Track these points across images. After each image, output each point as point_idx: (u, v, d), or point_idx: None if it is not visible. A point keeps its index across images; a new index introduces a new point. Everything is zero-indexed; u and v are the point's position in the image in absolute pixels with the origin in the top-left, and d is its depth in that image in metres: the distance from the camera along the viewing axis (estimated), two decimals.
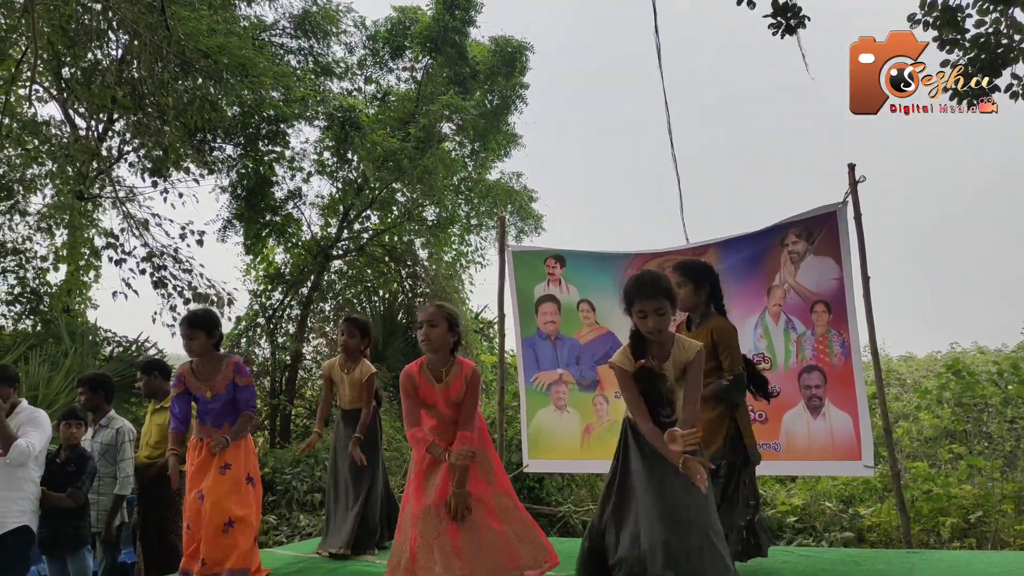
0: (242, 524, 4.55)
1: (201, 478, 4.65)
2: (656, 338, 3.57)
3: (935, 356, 15.27)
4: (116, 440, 5.99)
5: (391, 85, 16.35)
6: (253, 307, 15.19)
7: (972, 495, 7.44)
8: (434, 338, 4.07)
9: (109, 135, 13.17)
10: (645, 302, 3.53)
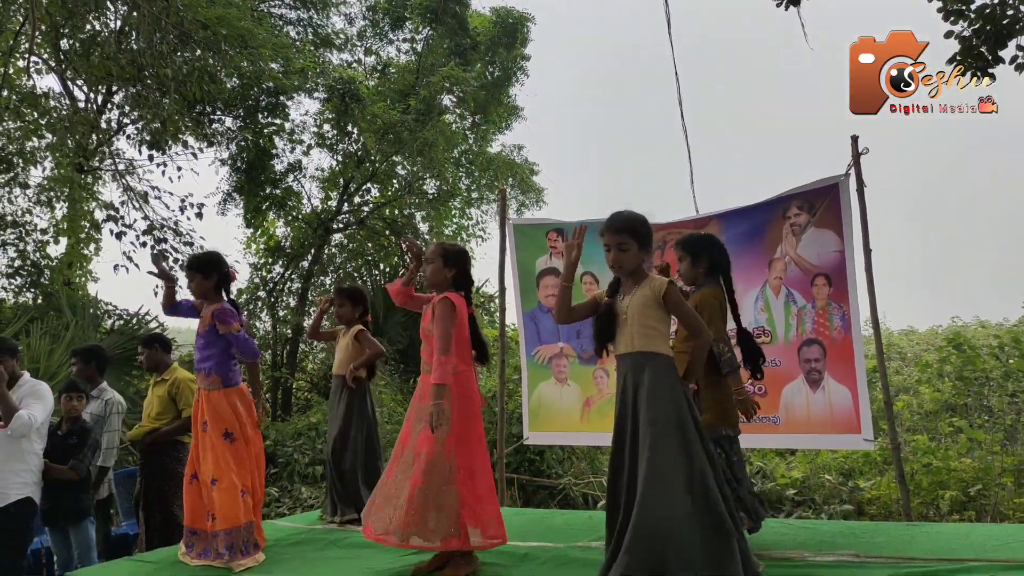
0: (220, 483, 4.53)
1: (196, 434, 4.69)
2: (620, 273, 3.67)
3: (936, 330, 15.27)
4: (105, 411, 6.03)
5: (391, 57, 16.26)
6: (254, 280, 15.20)
7: (972, 468, 7.46)
8: (428, 273, 4.30)
9: (108, 107, 13.12)
10: (609, 235, 3.63)
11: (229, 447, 4.59)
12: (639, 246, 3.61)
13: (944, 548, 4.22)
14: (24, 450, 5.13)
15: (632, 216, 3.68)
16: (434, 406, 3.93)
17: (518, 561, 4.37)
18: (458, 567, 4.08)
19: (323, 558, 4.71)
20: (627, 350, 3.58)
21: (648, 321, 3.56)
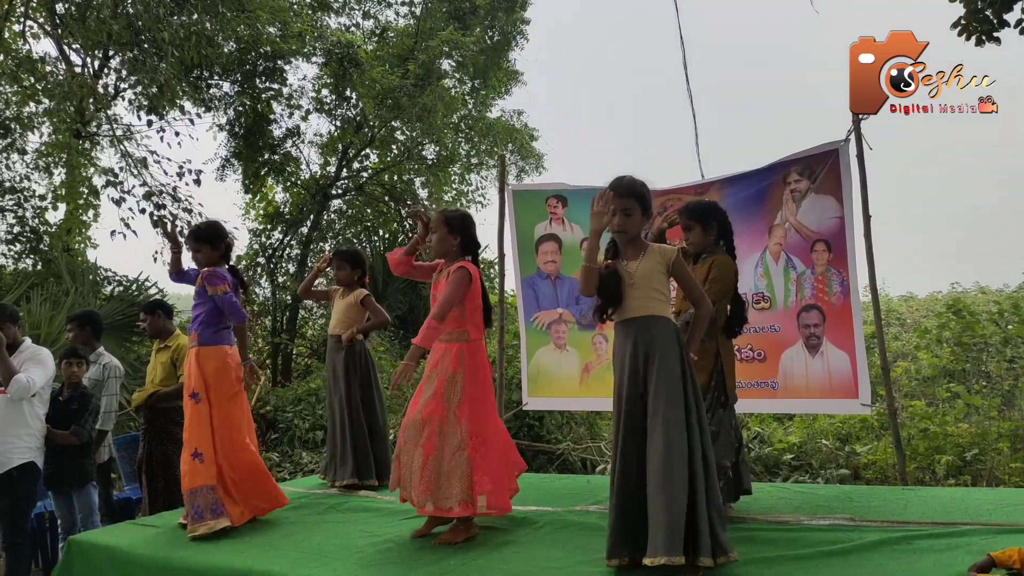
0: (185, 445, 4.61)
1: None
2: (622, 239, 3.67)
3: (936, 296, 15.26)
4: (103, 375, 6.07)
5: (390, 20, 16.12)
6: (253, 246, 15.18)
7: (968, 433, 7.50)
8: (434, 243, 4.34)
9: (105, 72, 13.01)
10: (616, 199, 3.61)
11: (192, 408, 4.61)
12: (642, 212, 3.64)
13: (939, 512, 4.25)
14: (26, 415, 5.18)
15: (637, 181, 3.69)
16: (404, 364, 3.96)
17: (516, 525, 4.41)
18: (456, 532, 4.12)
19: (323, 522, 4.76)
20: (637, 314, 3.58)
21: (655, 286, 3.58)
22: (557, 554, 3.86)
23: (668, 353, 3.50)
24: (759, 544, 3.75)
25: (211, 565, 4.05)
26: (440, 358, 4.18)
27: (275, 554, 4.13)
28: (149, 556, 4.27)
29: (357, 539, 4.29)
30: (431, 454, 4.06)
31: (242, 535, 4.51)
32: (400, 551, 4.06)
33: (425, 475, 4.05)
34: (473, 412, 4.15)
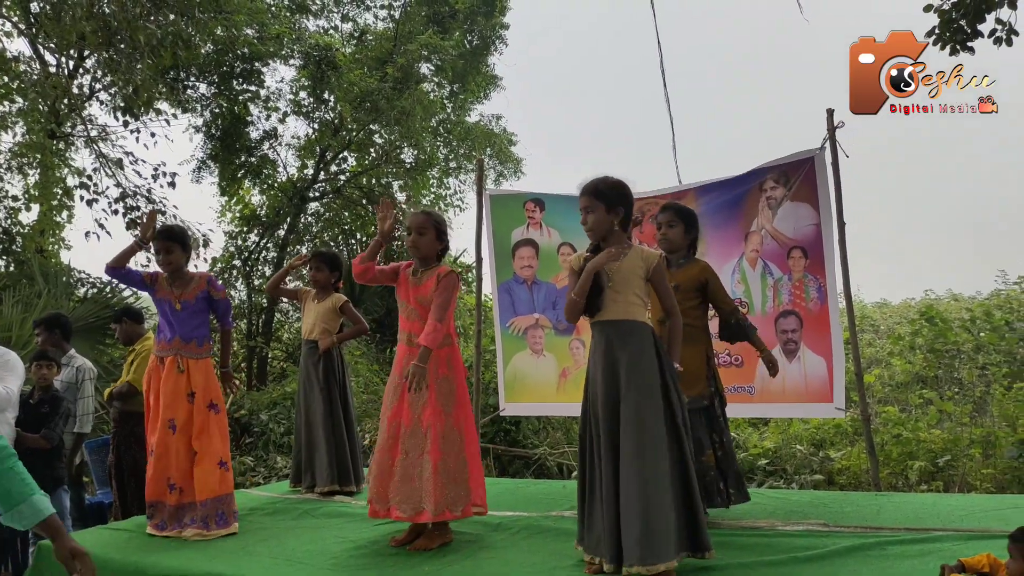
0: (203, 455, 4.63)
1: (173, 406, 4.66)
2: (591, 237, 3.66)
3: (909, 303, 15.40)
4: (76, 378, 6.02)
5: (368, 23, 16.08)
6: (229, 249, 15.09)
7: (941, 439, 7.56)
8: (422, 246, 4.24)
9: (80, 72, 12.88)
10: (581, 198, 3.65)
11: (214, 418, 4.68)
12: (606, 208, 3.59)
13: (911, 518, 4.29)
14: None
15: (600, 179, 3.66)
16: (417, 367, 3.96)
17: (491, 530, 4.41)
18: (432, 538, 4.11)
19: (297, 527, 4.73)
20: (613, 317, 3.56)
21: (635, 290, 3.57)
22: (532, 559, 3.85)
23: (643, 359, 3.49)
24: (734, 550, 3.77)
25: (184, 570, 4.01)
26: None
27: (249, 559, 4.09)
28: (120, 561, 4.22)
29: (331, 544, 4.27)
30: (439, 460, 4.05)
31: (215, 541, 4.48)
32: (374, 556, 4.05)
33: (437, 482, 4.02)
34: (465, 414, 4.22)
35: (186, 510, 4.65)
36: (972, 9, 6.72)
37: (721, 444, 4.34)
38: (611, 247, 3.58)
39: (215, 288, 4.79)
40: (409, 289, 4.26)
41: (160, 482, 4.68)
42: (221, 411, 4.74)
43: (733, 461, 4.40)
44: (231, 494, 4.71)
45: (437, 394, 4.11)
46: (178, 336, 4.74)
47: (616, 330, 3.55)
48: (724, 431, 4.38)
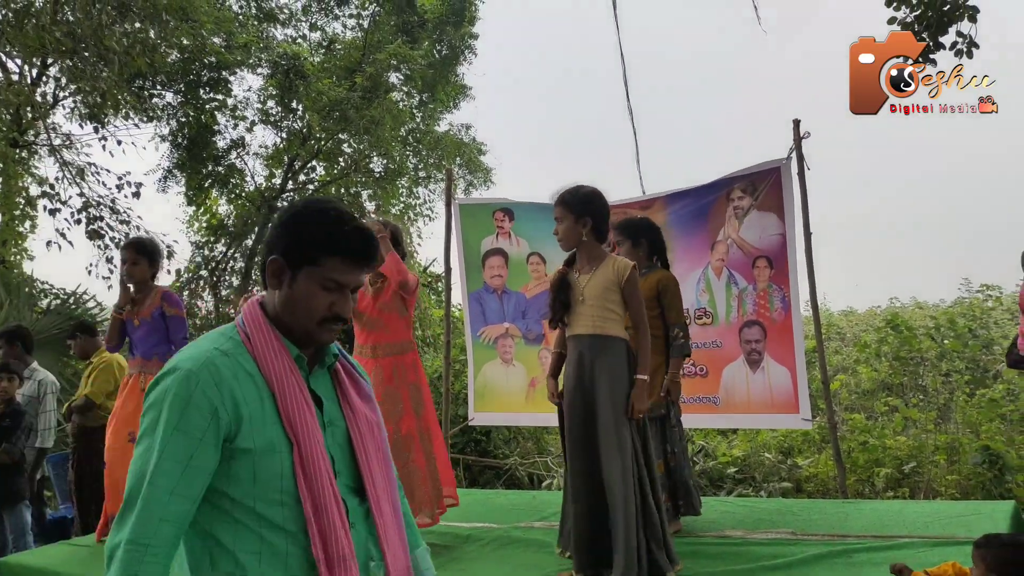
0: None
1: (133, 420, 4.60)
2: (562, 246, 3.70)
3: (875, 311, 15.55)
4: (39, 392, 5.93)
5: (337, 33, 16.03)
6: (195, 259, 14.95)
7: (906, 446, 7.63)
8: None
9: (44, 80, 12.72)
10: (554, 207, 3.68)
11: None
12: (575, 218, 3.59)
13: (877, 525, 4.32)
14: None
15: (571, 188, 3.68)
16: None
17: (461, 542, 4.39)
18: None
19: None
20: (586, 331, 3.54)
21: (608, 304, 3.55)
22: (503, 570, 3.85)
23: (617, 372, 3.49)
24: (704, 559, 3.78)
25: None
26: (394, 371, 4.14)
27: None
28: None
29: None
30: (423, 465, 4.07)
31: None
32: None
33: (425, 488, 4.07)
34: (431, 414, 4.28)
35: None
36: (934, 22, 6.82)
37: (673, 455, 4.34)
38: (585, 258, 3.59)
39: (169, 303, 4.71)
40: (369, 299, 4.23)
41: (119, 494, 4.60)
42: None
43: (684, 472, 4.37)
44: None
45: (410, 400, 4.14)
46: (139, 355, 4.70)
47: (592, 343, 3.53)
48: (677, 442, 4.38)
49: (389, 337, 4.16)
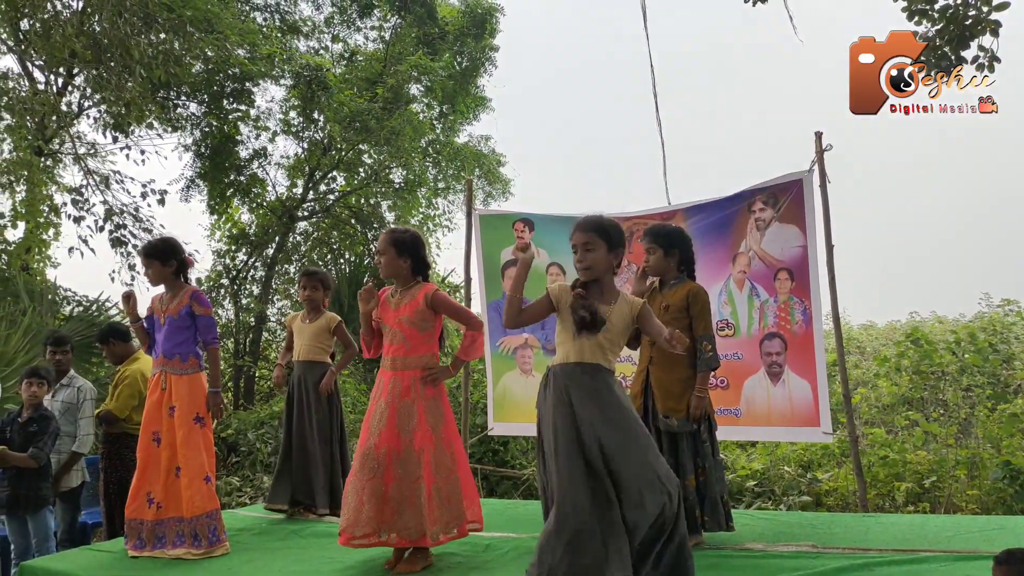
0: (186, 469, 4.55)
1: (156, 420, 4.64)
2: (587, 276, 3.54)
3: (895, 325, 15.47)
4: (78, 398, 5.97)
5: (359, 44, 16.13)
6: (217, 268, 15.05)
7: (927, 461, 7.59)
8: (384, 265, 4.25)
9: (69, 90, 12.88)
10: (577, 233, 3.57)
11: (200, 432, 4.61)
12: (608, 248, 3.53)
13: (899, 539, 4.31)
14: None
15: (602, 217, 3.62)
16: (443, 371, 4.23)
17: (480, 551, 4.40)
18: (414, 562, 4.09)
19: (285, 548, 4.71)
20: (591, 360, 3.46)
21: (620, 340, 3.55)
22: None
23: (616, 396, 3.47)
24: (725, 571, 3.78)
25: None
26: (412, 384, 4.13)
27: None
28: None
29: (319, 565, 4.25)
30: (432, 484, 4.02)
31: (201, 561, 4.44)
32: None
33: (432, 507, 4.00)
34: (452, 432, 4.22)
35: (167, 526, 4.58)
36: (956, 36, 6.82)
37: (703, 470, 4.33)
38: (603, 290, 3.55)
39: (198, 302, 4.70)
40: (391, 311, 4.23)
41: (140, 497, 4.63)
42: (207, 425, 4.67)
43: (714, 488, 4.34)
44: (219, 510, 4.67)
45: (426, 415, 4.10)
46: (162, 352, 4.72)
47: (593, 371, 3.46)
48: (709, 457, 4.35)
49: (409, 351, 4.17)
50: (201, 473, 4.58)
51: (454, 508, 4.08)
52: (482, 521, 4.31)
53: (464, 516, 4.13)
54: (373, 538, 3.99)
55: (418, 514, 3.97)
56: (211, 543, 4.52)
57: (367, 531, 3.98)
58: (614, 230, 3.58)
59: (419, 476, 4.00)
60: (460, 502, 4.11)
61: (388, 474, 4.02)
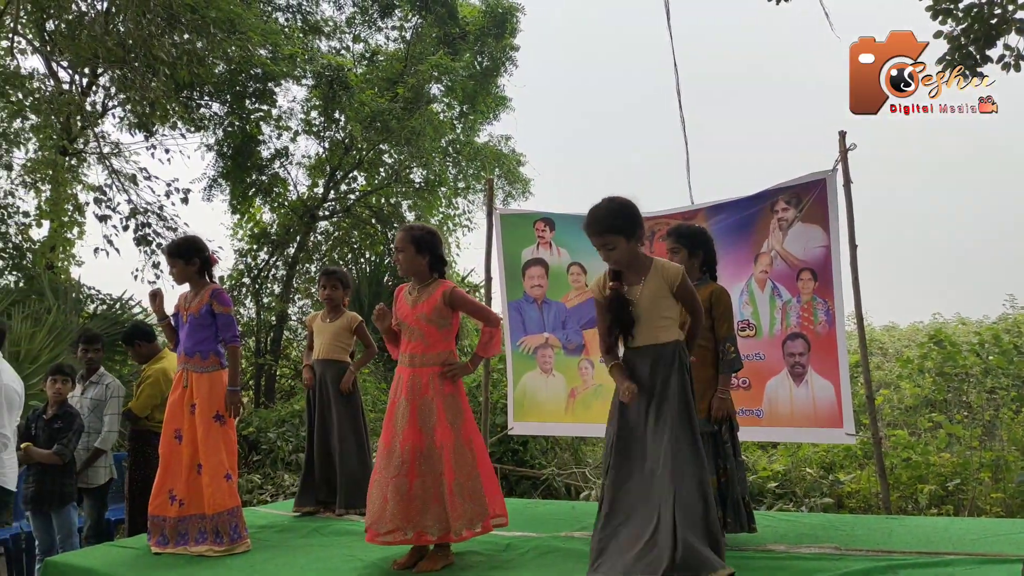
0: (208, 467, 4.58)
1: (178, 417, 4.67)
2: (619, 267, 3.57)
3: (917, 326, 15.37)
4: (106, 395, 6.02)
5: (380, 44, 16.18)
6: (238, 267, 15.13)
7: (950, 463, 7.53)
8: (403, 263, 4.24)
9: (93, 89, 13.01)
10: (594, 238, 3.57)
11: (219, 430, 4.63)
12: (627, 238, 3.53)
13: (923, 541, 4.27)
14: None
15: (610, 210, 3.57)
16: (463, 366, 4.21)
17: (500, 551, 4.39)
18: (435, 560, 4.09)
19: (306, 545, 4.73)
20: (647, 342, 3.53)
21: (663, 312, 3.54)
22: None
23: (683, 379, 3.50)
24: (747, 573, 3.75)
25: None
26: (428, 382, 4.13)
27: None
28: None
29: (340, 563, 4.26)
30: (453, 480, 4.02)
31: (222, 559, 4.47)
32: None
33: (454, 503, 3.99)
34: (472, 427, 4.20)
35: (189, 523, 4.61)
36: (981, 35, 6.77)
37: (725, 471, 4.31)
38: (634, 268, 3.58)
39: (218, 300, 4.70)
40: (409, 308, 4.24)
41: (162, 494, 4.67)
42: (228, 423, 4.68)
43: (736, 489, 4.32)
44: (239, 507, 4.70)
45: (445, 411, 4.10)
46: (183, 350, 4.74)
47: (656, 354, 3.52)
48: (730, 458, 4.33)
49: (428, 348, 4.17)
50: (222, 471, 4.61)
51: (477, 504, 4.07)
52: (507, 514, 4.30)
53: (487, 511, 4.11)
54: (398, 535, 4.00)
55: (441, 511, 3.98)
56: (232, 540, 4.54)
57: (392, 527, 3.99)
58: (624, 219, 3.55)
59: (441, 472, 4.01)
60: (482, 497, 4.10)
61: (412, 471, 4.02)
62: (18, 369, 5.79)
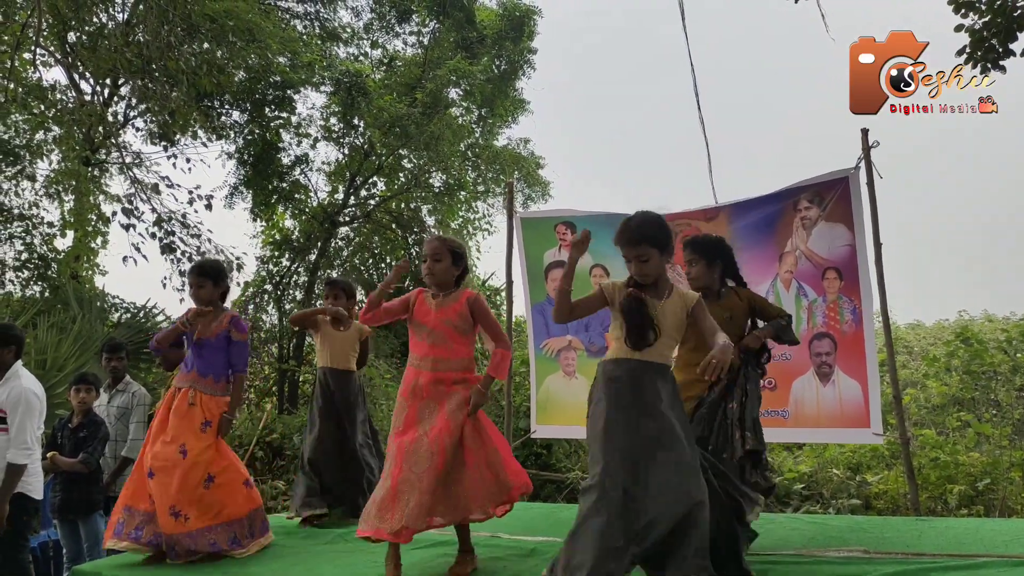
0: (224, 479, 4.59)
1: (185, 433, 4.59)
2: (646, 282, 3.48)
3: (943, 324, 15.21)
4: (132, 403, 6.05)
5: (398, 50, 16.24)
6: (261, 273, 15.22)
7: (980, 463, 7.43)
8: (438, 272, 4.16)
9: (115, 100, 13.13)
10: (627, 248, 3.48)
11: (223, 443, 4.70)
12: (660, 253, 3.46)
13: (953, 543, 4.21)
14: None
15: (646, 221, 3.50)
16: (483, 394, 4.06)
17: (525, 556, 4.37)
18: (464, 564, 4.08)
19: (330, 551, 4.72)
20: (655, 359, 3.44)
21: (676, 334, 3.50)
22: None
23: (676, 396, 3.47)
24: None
25: None
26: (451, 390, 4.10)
27: None
28: None
29: (365, 569, 4.25)
30: (473, 461, 4.00)
31: (246, 565, 4.47)
32: None
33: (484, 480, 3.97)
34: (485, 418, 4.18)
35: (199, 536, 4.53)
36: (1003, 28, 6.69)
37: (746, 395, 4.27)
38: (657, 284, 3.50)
39: (236, 328, 4.74)
40: (432, 313, 4.20)
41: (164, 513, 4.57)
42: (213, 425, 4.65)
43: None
44: (261, 507, 4.74)
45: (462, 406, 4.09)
46: (195, 370, 4.73)
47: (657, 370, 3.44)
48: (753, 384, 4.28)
49: (451, 353, 4.15)
50: (241, 479, 4.66)
51: (501, 481, 4.04)
52: (530, 484, 4.24)
53: (510, 484, 4.08)
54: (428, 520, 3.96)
55: (462, 494, 3.96)
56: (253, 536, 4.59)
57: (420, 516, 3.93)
58: (662, 232, 3.48)
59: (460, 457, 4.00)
60: (503, 471, 4.05)
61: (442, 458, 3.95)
62: (44, 378, 5.83)
